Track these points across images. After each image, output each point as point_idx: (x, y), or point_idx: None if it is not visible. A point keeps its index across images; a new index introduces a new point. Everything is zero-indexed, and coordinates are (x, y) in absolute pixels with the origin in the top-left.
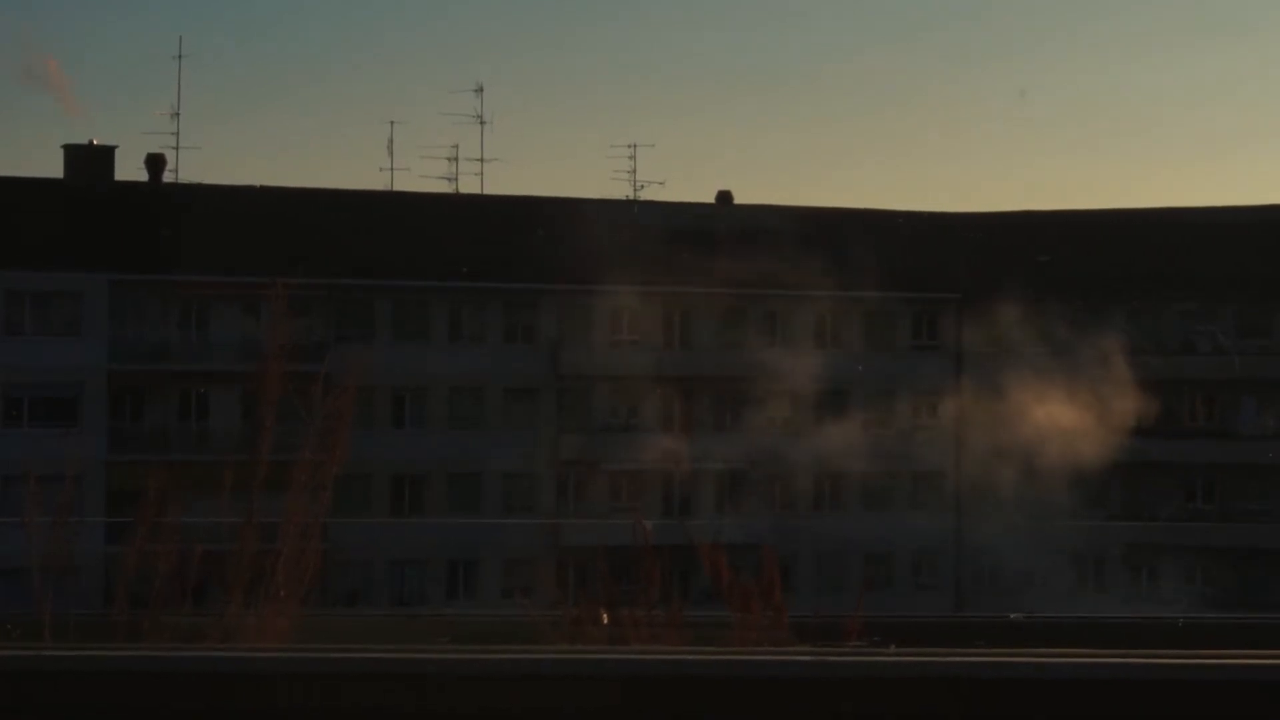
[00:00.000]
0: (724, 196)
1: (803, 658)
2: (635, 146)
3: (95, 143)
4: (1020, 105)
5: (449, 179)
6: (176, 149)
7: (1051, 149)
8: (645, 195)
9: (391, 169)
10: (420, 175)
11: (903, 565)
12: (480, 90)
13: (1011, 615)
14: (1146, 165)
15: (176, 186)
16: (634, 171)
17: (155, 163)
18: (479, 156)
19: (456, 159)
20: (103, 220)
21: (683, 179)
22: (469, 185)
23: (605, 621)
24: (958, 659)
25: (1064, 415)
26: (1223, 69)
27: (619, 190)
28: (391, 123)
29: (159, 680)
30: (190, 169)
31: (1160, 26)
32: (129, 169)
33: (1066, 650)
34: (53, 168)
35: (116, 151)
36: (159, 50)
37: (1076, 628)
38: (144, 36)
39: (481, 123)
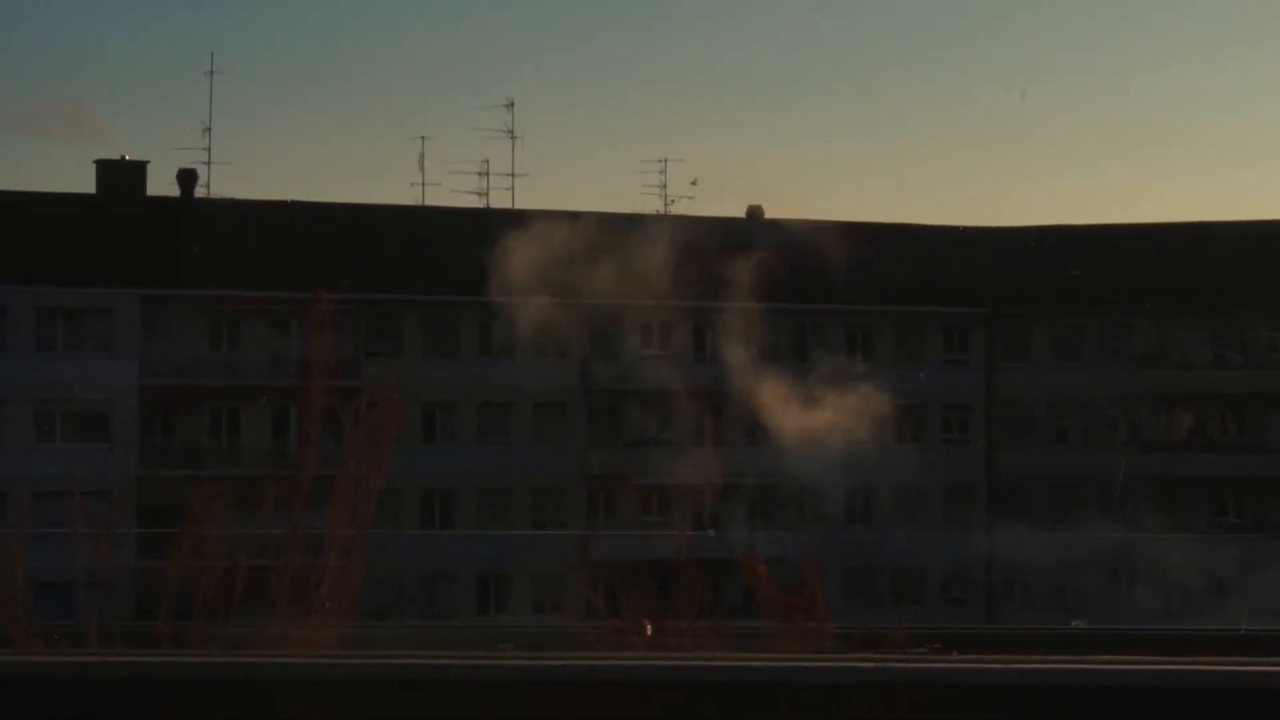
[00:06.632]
0: (754, 211)
1: (865, 664)
2: (666, 161)
3: (127, 158)
4: (1041, 115)
5: (480, 194)
6: (208, 164)
7: (1079, 163)
8: (676, 210)
9: (423, 184)
10: (451, 190)
11: (933, 579)
12: (511, 105)
13: (1073, 623)
14: (1175, 179)
15: (208, 202)
16: (664, 186)
17: (187, 178)
18: (510, 171)
19: (487, 174)
20: (134, 236)
21: (714, 193)
22: (500, 200)
23: (649, 633)
24: (1026, 666)
25: (1094, 428)
26: (1251, 80)
27: (650, 205)
28: (422, 138)
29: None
30: (221, 184)
31: (1189, 38)
32: (161, 184)
33: (1136, 658)
34: (85, 183)
35: (149, 167)
36: (190, 66)
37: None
38: (175, 53)
39: (513, 138)
